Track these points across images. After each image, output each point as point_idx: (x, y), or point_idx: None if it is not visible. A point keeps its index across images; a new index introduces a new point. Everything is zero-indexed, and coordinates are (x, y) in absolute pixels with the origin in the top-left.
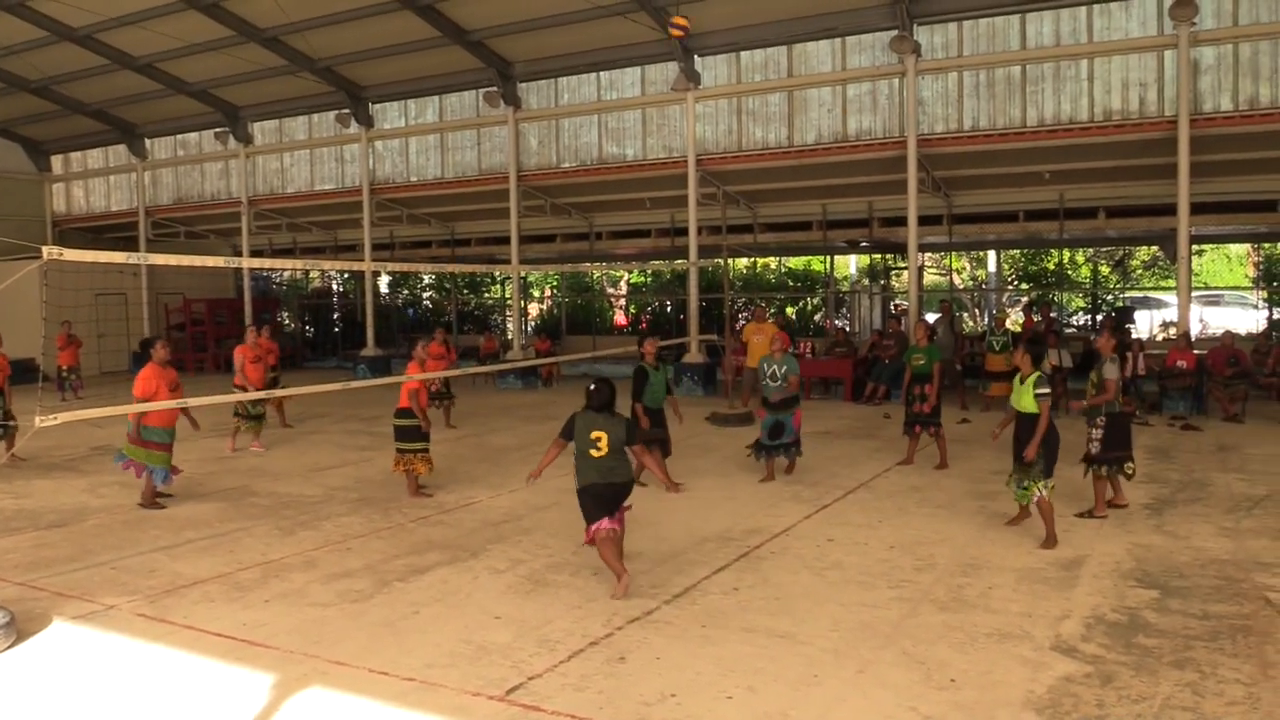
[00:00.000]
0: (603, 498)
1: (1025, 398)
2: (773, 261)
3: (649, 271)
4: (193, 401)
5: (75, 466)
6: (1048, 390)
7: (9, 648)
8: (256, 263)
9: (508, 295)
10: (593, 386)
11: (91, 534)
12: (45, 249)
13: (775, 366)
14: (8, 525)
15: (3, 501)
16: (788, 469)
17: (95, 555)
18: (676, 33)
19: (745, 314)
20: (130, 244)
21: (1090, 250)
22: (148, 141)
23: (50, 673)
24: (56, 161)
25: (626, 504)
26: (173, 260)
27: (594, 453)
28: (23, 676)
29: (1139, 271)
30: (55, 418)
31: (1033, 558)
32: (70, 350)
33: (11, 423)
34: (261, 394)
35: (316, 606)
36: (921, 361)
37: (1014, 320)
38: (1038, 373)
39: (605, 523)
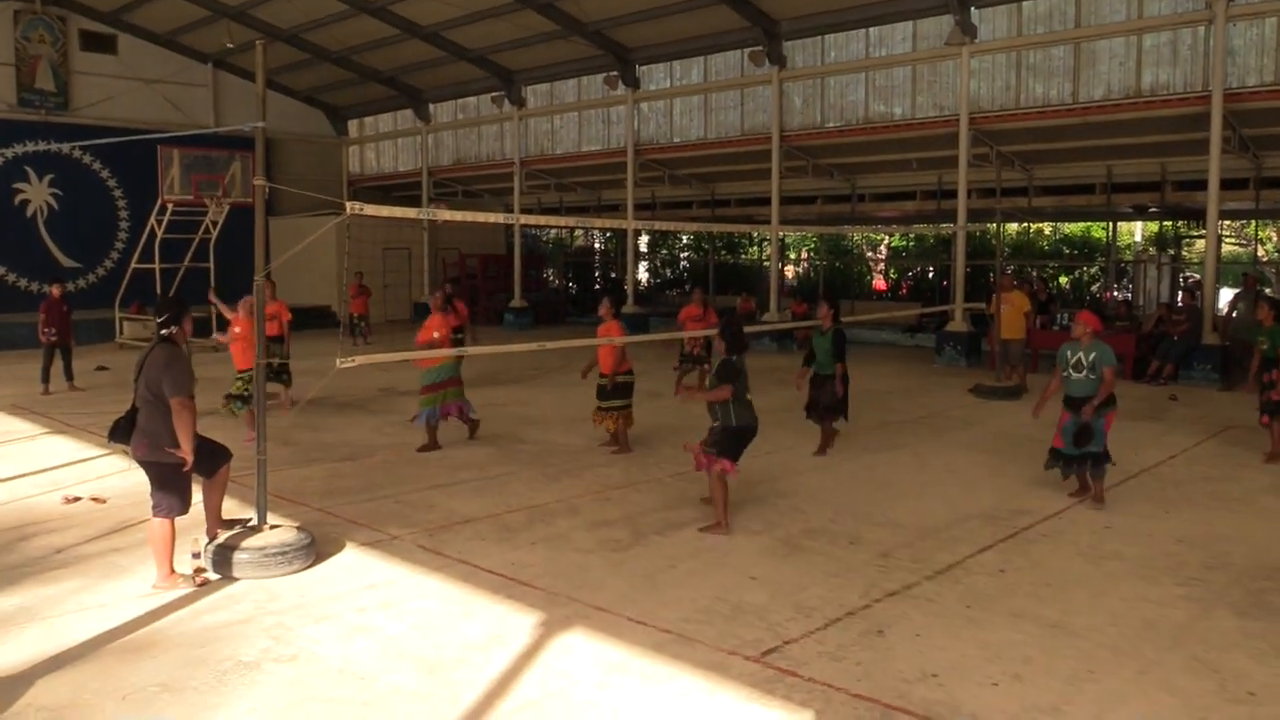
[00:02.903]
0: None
1: None
2: (1046, 227)
3: (911, 236)
4: (450, 352)
5: (364, 406)
6: None
7: (309, 567)
8: (528, 219)
9: (765, 256)
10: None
11: (378, 469)
12: (348, 204)
13: (1081, 354)
14: (308, 456)
15: (304, 435)
16: (1094, 493)
17: (381, 488)
18: None
19: (1017, 283)
20: (414, 202)
21: None
22: (431, 106)
23: (345, 592)
24: (352, 126)
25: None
26: (456, 215)
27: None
28: (322, 593)
29: None
30: (354, 360)
31: None
32: (361, 299)
33: (285, 375)
34: (467, 350)
35: (579, 552)
36: (1266, 345)
37: None
38: None
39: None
